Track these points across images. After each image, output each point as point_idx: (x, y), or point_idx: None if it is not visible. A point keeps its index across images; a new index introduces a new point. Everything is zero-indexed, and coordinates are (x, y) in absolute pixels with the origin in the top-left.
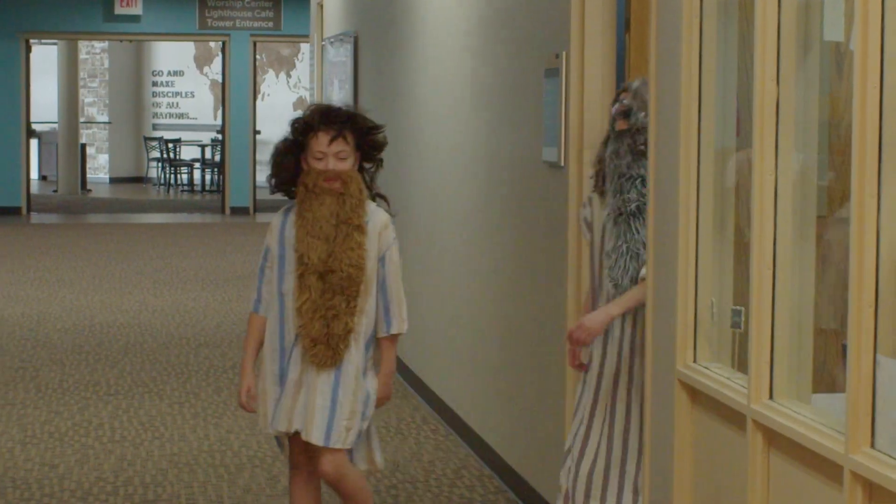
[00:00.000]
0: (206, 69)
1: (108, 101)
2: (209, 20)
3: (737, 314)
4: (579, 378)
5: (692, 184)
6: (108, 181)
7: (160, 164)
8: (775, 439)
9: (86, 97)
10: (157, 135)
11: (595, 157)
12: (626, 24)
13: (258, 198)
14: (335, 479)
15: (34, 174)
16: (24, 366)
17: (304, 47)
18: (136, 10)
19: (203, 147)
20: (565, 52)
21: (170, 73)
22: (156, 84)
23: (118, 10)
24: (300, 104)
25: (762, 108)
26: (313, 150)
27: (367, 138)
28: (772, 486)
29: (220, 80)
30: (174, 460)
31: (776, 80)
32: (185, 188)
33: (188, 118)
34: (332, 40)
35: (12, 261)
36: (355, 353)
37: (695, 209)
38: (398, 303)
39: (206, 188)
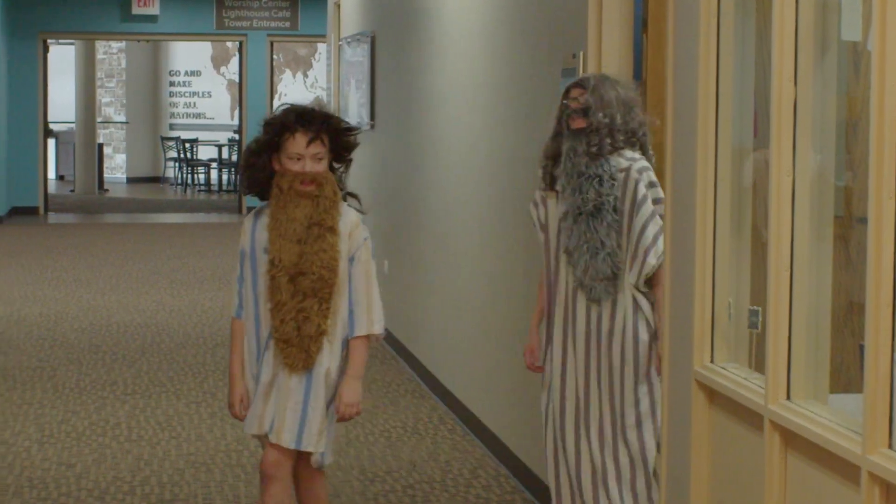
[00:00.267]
0: (223, 69)
1: (125, 101)
2: (226, 20)
3: (754, 314)
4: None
5: (709, 184)
6: (125, 181)
7: (177, 164)
8: (792, 440)
9: (103, 97)
10: (174, 135)
11: (543, 153)
12: (643, 23)
13: None
14: (304, 484)
15: (51, 174)
16: (41, 365)
17: (321, 47)
18: (154, 10)
19: (220, 147)
20: (582, 52)
21: (187, 72)
22: (173, 84)
23: (135, 10)
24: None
25: (779, 107)
26: (289, 151)
27: (341, 140)
28: (789, 487)
29: (237, 80)
30: (191, 460)
31: (793, 79)
32: (202, 188)
33: (205, 118)
34: (349, 40)
35: (30, 260)
36: (328, 356)
37: (712, 209)
38: (367, 304)
39: (223, 188)
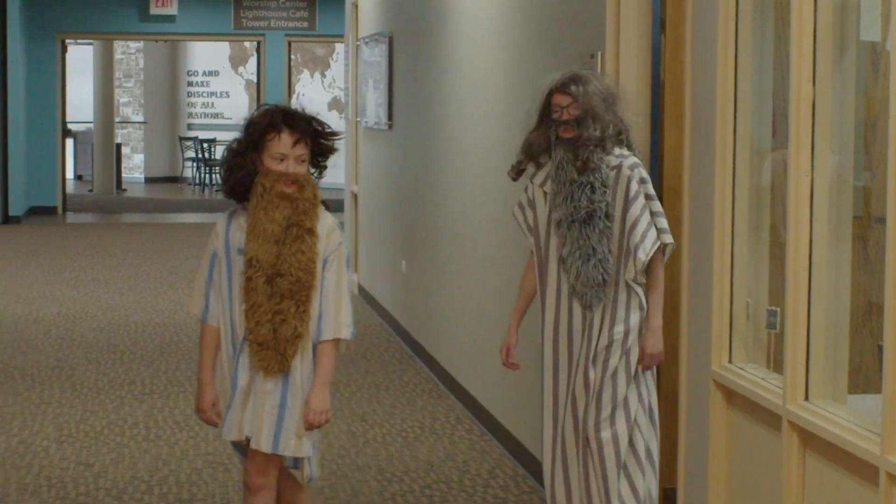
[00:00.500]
0: (240, 69)
1: (143, 101)
2: (244, 20)
3: (772, 315)
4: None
5: (728, 184)
6: (143, 181)
7: (195, 164)
8: (810, 440)
9: (121, 97)
10: (192, 135)
11: (522, 145)
12: (661, 24)
13: None
14: (286, 497)
15: (70, 174)
16: (59, 365)
17: (339, 47)
18: (172, 10)
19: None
20: (600, 53)
21: (205, 73)
22: (191, 84)
23: (153, 10)
24: (335, 104)
25: (798, 108)
26: (273, 151)
27: (322, 144)
28: (807, 487)
29: (254, 80)
30: (209, 460)
31: (812, 80)
32: (220, 188)
33: (223, 118)
34: (366, 40)
35: (48, 260)
36: (305, 359)
37: (730, 210)
38: (336, 307)
39: None
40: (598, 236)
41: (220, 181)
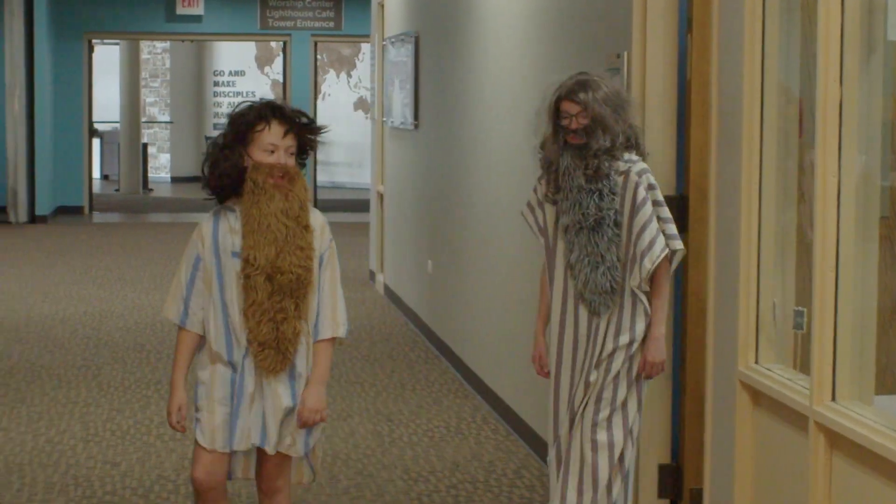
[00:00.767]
0: (267, 69)
1: (169, 101)
2: (270, 20)
3: (799, 315)
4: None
5: (754, 184)
6: (169, 180)
7: None
8: (837, 441)
9: (147, 97)
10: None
11: (542, 159)
12: (688, 24)
13: (319, 197)
14: (277, 489)
15: (96, 173)
16: (86, 364)
17: (365, 47)
18: (198, 10)
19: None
20: (627, 53)
21: (231, 72)
22: (217, 84)
23: (180, 10)
24: (361, 104)
25: (825, 108)
26: (263, 142)
27: (307, 138)
28: (834, 488)
29: (280, 80)
30: None
31: (839, 80)
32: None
33: None
34: (392, 40)
35: (75, 260)
36: (306, 358)
37: (757, 209)
38: (332, 306)
39: None
40: (606, 244)
41: (205, 176)
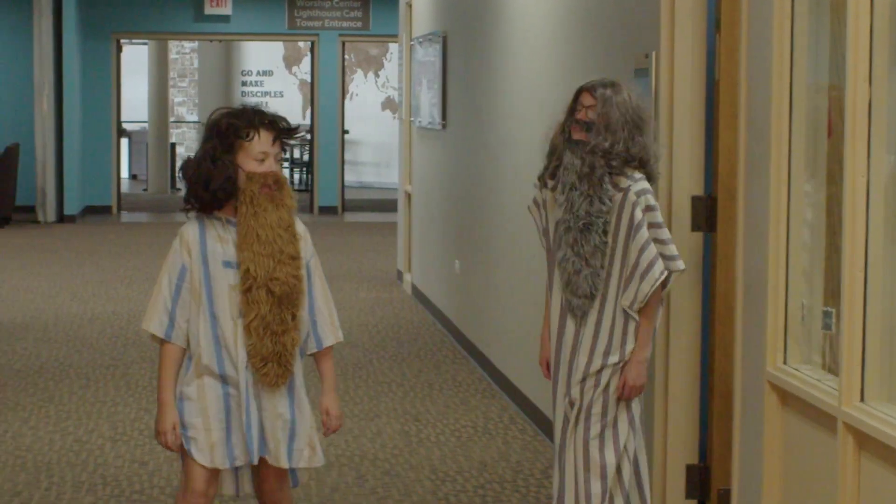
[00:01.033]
0: (294, 69)
1: (197, 101)
2: (298, 20)
3: (828, 316)
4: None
5: (783, 184)
6: None
7: None
8: (866, 442)
9: (175, 97)
10: None
11: (549, 148)
12: (716, 24)
13: (346, 197)
14: (280, 501)
15: (124, 173)
16: (114, 363)
17: (393, 47)
18: (226, 10)
19: (292, 146)
20: (655, 53)
21: (259, 72)
22: (245, 84)
23: (208, 10)
24: (388, 104)
25: (854, 108)
26: (254, 151)
27: (286, 143)
28: (862, 489)
29: (308, 79)
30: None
31: (868, 80)
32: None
33: None
34: (420, 40)
35: (103, 259)
36: (300, 368)
37: (785, 210)
38: (329, 312)
39: (295, 187)
40: (591, 249)
41: (193, 192)
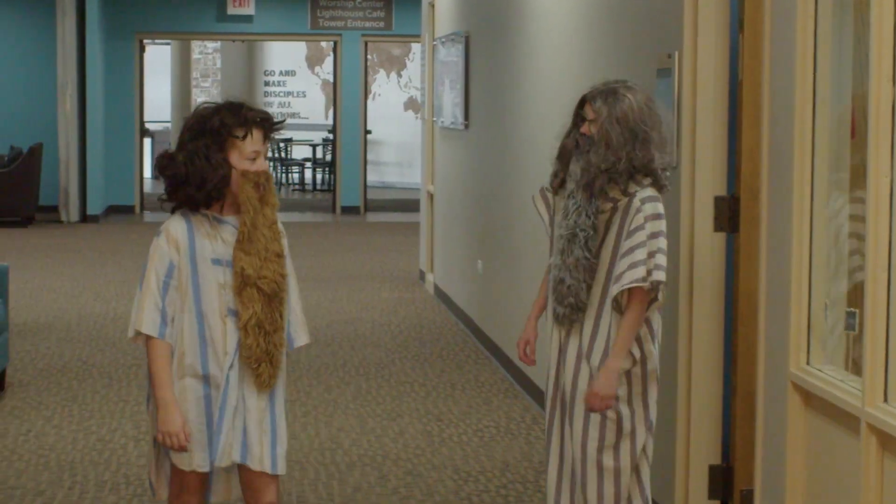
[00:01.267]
0: (317, 69)
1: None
2: (321, 20)
3: (851, 316)
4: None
5: (806, 184)
6: None
7: (272, 163)
8: (890, 443)
9: (198, 97)
10: None
11: (557, 154)
12: (739, 23)
13: (369, 197)
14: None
15: (147, 173)
16: (136, 363)
17: (416, 47)
18: (249, 10)
19: (314, 146)
20: (678, 53)
21: (281, 72)
22: (268, 84)
23: (231, 10)
24: (411, 104)
25: (878, 108)
26: (246, 150)
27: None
28: (886, 490)
29: (331, 79)
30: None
31: (892, 79)
32: (297, 187)
33: (299, 118)
34: (443, 40)
35: (126, 259)
36: (284, 371)
37: (809, 210)
38: (301, 311)
39: (317, 187)
40: (574, 261)
41: (182, 190)
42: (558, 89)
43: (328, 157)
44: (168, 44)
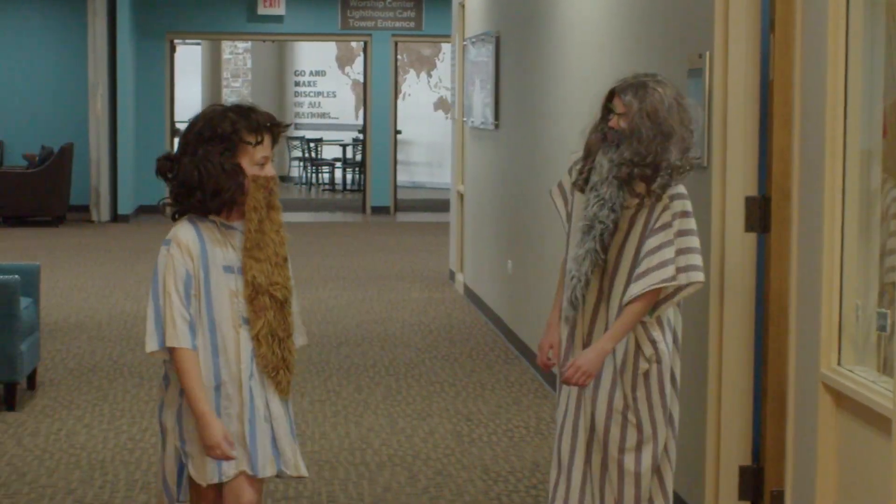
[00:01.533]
0: (347, 69)
1: (250, 101)
2: (351, 20)
3: (882, 317)
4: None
5: (838, 184)
6: None
7: (302, 164)
8: None
9: (229, 97)
10: (299, 134)
11: (584, 151)
12: (770, 23)
13: (399, 197)
14: None
15: None
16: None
17: (446, 47)
18: (279, 10)
19: (344, 146)
20: (709, 53)
21: (312, 72)
22: (298, 84)
23: (261, 10)
24: (441, 104)
25: None
26: (256, 156)
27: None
28: None
29: (361, 79)
30: (315, 458)
31: None
32: (327, 187)
33: (330, 118)
34: (473, 40)
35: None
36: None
37: (840, 210)
38: (299, 313)
39: (348, 187)
40: (584, 254)
41: (194, 197)
42: (588, 90)
43: (358, 157)
44: (199, 44)
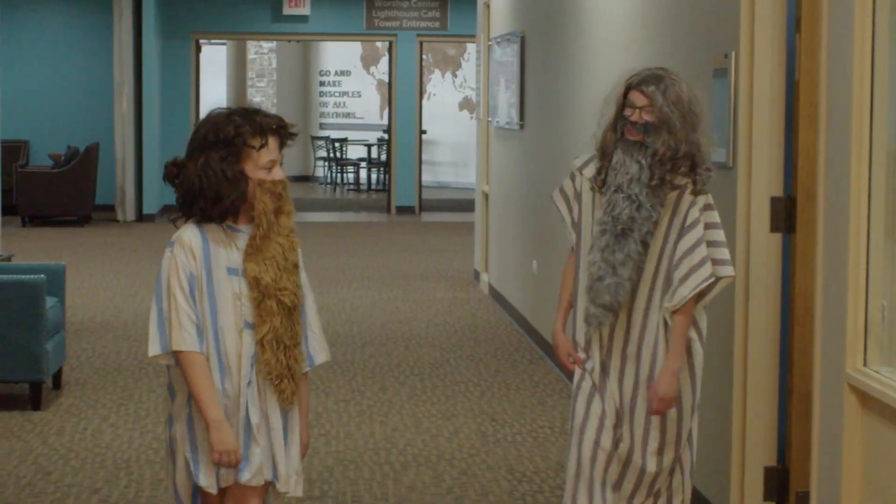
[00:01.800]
0: (372, 69)
1: (275, 101)
2: (376, 20)
3: None
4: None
5: (864, 185)
6: None
7: (327, 164)
8: None
9: (254, 97)
10: (324, 134)
11: (599, 143)
12: (796, 23)
13: (424, 197)
14: None
15: None
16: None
17: (471, 47)
18: (304, 10)
19: (369, 146)
20: (734, 53)
21: (337, 72)
22: (323, 84)
23: (286, 10)
24: (466, 104)
25: None
26: (262, 160)
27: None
28: None
29: (386, 79)
30: (340, 457)
31: None
32: (352, 187)
33: (355, 118)
34: (498, 40)
35: None
36: (307, 384)
37: (866, 211)
38: (319, 328)
39: (372, 187)
40: (623, 258)
41: (199, 204)
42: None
43: (383, 157)
44: (224, 44)
